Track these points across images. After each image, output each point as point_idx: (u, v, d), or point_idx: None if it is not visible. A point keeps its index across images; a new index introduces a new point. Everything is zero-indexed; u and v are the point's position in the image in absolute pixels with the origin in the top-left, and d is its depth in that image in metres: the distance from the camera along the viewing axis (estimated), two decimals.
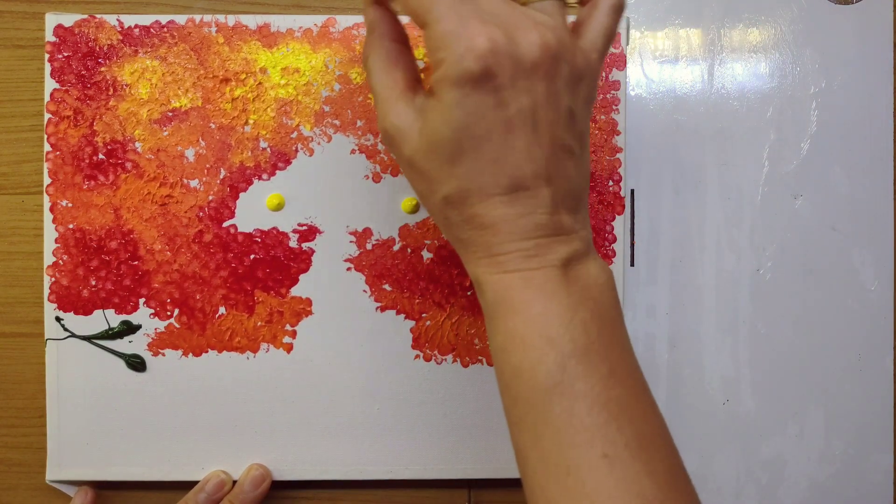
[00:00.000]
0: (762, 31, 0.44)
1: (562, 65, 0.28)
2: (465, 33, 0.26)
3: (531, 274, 0.28)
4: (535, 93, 0.27)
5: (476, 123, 0.27)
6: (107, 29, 0.40)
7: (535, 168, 0.28)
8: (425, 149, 0.28)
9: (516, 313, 0.28)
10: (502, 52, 0.26)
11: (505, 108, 0.27)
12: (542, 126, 0.28)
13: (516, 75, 0.27)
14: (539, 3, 0.29)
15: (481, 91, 0.27)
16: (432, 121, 0.28)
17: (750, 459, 0.44)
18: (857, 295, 0.44)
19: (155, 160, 0.41)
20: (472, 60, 0.26)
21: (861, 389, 0.45)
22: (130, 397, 0.41)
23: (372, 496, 0.44)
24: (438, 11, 0.27)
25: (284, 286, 0.41)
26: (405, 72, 0.30)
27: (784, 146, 0.44)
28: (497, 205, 0.28)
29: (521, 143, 0.28)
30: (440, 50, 0.27)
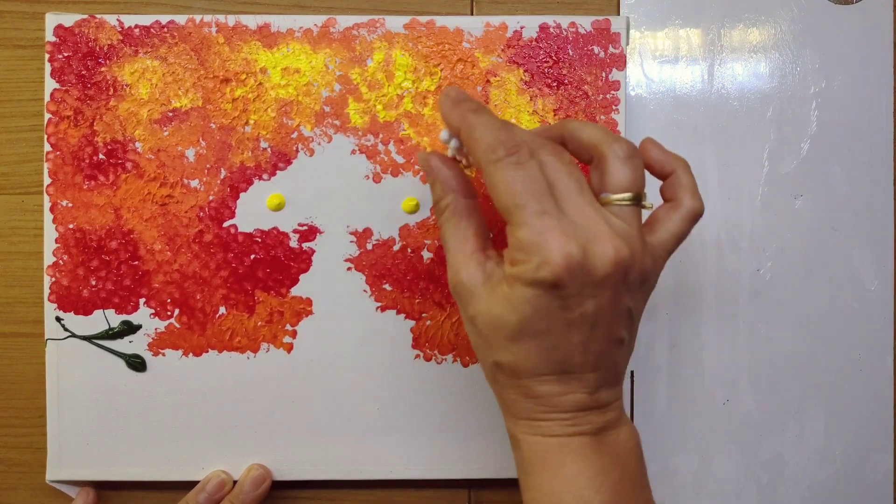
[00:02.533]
0: (762, 31, 0.44)
1: (630, 273, 0.29)
2: (545, 245, 0.28)
3: (568, 440, 0.31)
4: (600, 299, 0.29)
5: (540, 319, 0.29)
6: (107, 29, 0.40)
7: (585, 359, 0.30)
8: (489, 320, 0.30)
9: (552, 474, 0.31)
10: (576, 267, 0.28)
11: (569, 312, 0.29)
12: (600, 326, 0.30)
13: (585, 286, 0.28)
14: (619, 207, 0.30)
15: (550, 296, 0.28)
16: (499, 303, 0.30)
17: (750, 459, 0.44)
18: (857, 295, 0.44)
19: (155, 160, 0.41)
20: (548, 272, 0.28)
21: (861, 389, 0.45)
22: (130, 397, 0.41)
23: (372, 496, 0.44)
24: (523, 217, 0.28)
25: (285, 286, 0.41)
26: (477, 230, 0.32)
27: (784, 146, 0.44)
28: (544, 382, 0.30)
29: (578, 339, 0.30)
30: (520, 251, 0.29)
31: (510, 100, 0.41)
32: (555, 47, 0.41)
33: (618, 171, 0.30)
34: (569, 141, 0.32)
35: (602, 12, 0.44)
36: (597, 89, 0.41)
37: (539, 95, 0.41)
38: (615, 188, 0.30)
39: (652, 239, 0.31)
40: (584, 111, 0.41)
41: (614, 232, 0.29)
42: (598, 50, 0.41)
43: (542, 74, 0.41)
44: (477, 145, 0.29)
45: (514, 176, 0.28)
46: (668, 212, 0.32)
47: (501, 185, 0.29)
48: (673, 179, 0.33)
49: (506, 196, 0.28)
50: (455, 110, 0.31)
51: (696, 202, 0.32)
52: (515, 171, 0.29)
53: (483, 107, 0.31)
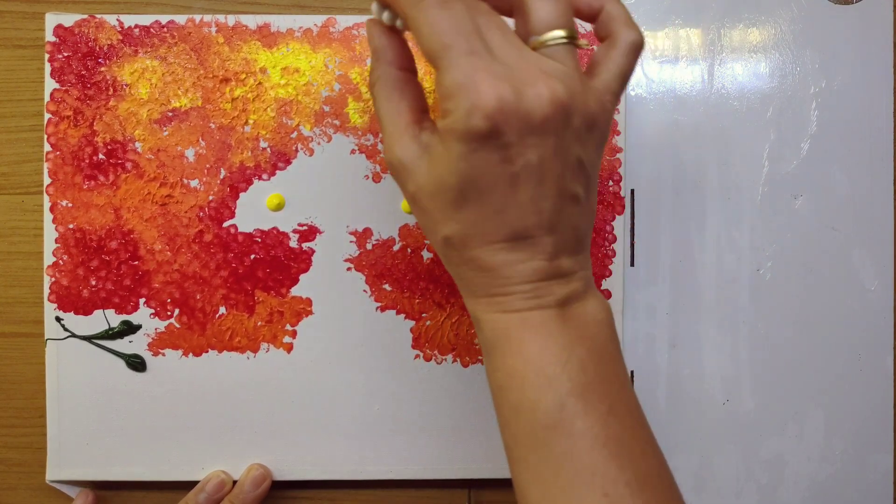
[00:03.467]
0: (762, 31, 0.44)
1: (573, 117, 0.27)
2: (474, 88, 0.26)
3: (529, 314, 0.29)
4: (544, 147, 0.27)
5: (481, 176, 0.27)
6: (107, 29, 0.40)
7: (538, 219, 0.28)
8: (429, 190, 0.28)
9: (514, 352, 0.29)
10: (510, 110, 0.26)
11: (511, 164, 0.27)
12: (548, 179, 0.27)
13: (524, 132, 0.26)
14: (551, 48, 0.28)
15: (488, 147, 0.26)
16: (437, 166, 0.28)
17: (750, 459, 0.44)
18: (857, 295, 0.44)
19: (155, 160, 0.41)
20: (480, 118, 0.26)
21: (861, 389, 0.45)
22: (130, 397, 0.41)
23: (372, 496, 0.44)
24: (450, 58, 0.26)
25: (284, 286, 0.41)
26: (411, 102, 0.30)
27: (784, 146, 0.44)
28: (498, 251, 0.28)
29: (526, 196, 0.27)
30: (449, 100, 0.26)
31: None
32: None
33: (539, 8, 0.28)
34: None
35: None
36: None
37: None
38: (541, 27, 0.28)
39: (595, 83, 0.29)
40: None
41: (548, 73, 0.26)
42: None
43: None
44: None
45: (439, 15, 0.26)
46: (606, 50, 0.30)
47: (426, 26, 0.26)
48: (604, 15, 0.30)
49: (431, 38, 0.26)
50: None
51: (632, 32, 0.29)
52: (440, 9, 0.26)
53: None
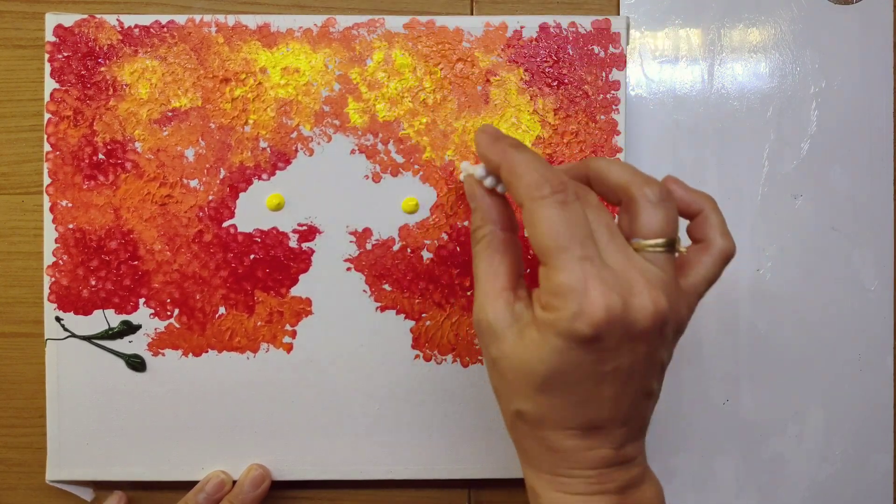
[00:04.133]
0: (762, 31, 0.44)
1: (668, 326, 0.28)
2: (584, 294, 0.26)
3: (590, 499, 0.29)
4: (636, 353, 0.28)
5: (570, 372, 0.27)
6: (107, 29, 0.40)
7: (615, 414, 0.29)
8: (513, 363, 0.28)
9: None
10: (615, 321, 0.26)
11: (603, 365, 0.27)
12: (633, 380, 0.28)
13: (622, 340, 0.27)
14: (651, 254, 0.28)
15: (585, 349, 0.27)
16: (527, 348, 0.28)
17: (750, 459, 0.44)
18: (857, 295, 0.44)
19: (155, 160, 0.41)
20: (586, 324, 0.26)
21: (861, 389, 0.45)
22: (130, 397, 0.41)
23: (372, 496, 0.44)
24: (564, 261, 0.27)
25: (284, 286, 0.41)
26: (510, 266, 0.30)
27: (784, 146, 0.44)
28: (570, 436, 0.29)
29: (609, 393, 0.28)
30: (555, 297, 0.27)
31: (510, 99, 0.41)
32: (555, 47, 0.41)
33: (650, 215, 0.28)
34: (594, 181, 0.31)
35: (602, 12, 0.44)
36: (597, 89, 0.41)
37: (539, 95, 0.41)
38: (648, 233, 0.28)
39: (684, 283, 0.30)
40: (584, 111, 0.41)
41: (652, 282, 0.27)
42: (598, 50, 0.41)
43: (543, 74, 0.41)
44: (519, 181, 0.28)
45: (558, 215, 0.27)
46: (699, 254, 0.31)
47: (544, 223, 0.27)
48: (701, 219, 0.31)
49: (547, 236, 0.27)
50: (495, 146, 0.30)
51: (727, 242, 0.31)
52: (560, 210, 0.27)
53: (522, 143, 0.30)
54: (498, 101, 0.41)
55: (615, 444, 0.29)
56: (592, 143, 0.41)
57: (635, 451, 0.30)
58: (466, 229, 0.41)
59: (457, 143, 0.41)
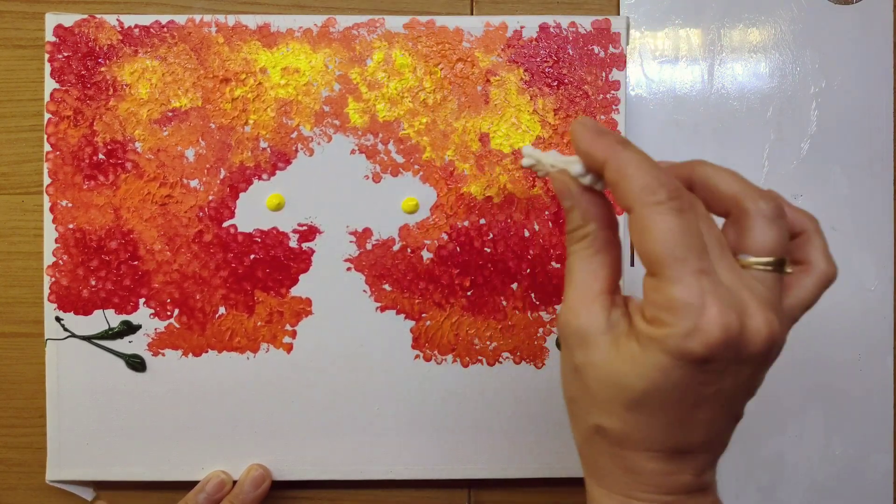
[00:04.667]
0: (762, 31, 0.44)
1: (774, 349, 0.26)
2: (702, 311, 0.24)
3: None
4: (740, 376, 0.26)
5: (670, 391, 0.25)
6: (107, 29, 0.40)
7: (705, 439, 0.27)
8: (602, 374, 0.26)
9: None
10: (731, 343, 0.24)
11: (706, 387, 0.26)
12: (730, 404, 0.27)
13: (732, 361, 0.25)
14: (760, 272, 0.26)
15: (692, 369, 0.25)
16: (624, 360, 0.26)
17: (750, 459, 0.44)
18: (857, 295, 0.44)
19: (155, 160, 0.41)
20: (700, 344, 0.24)
21: (861, 389, 0.45)
22: (130, 397, 0.41)
23: (372, 496, 0.44)
24: (680, 273, 0.24)
25: (284, 286, 0.41)
26: (611, 268, 0.28)
27: (784, 146, 0.44)
28: (652, 458, 0.27)
29: (704, 417, 0.26)
30: (669, 312, 0.25)
31: (510, 99, 0.41)
32: (555, 47, 0.41)
33: (763, 232, 0.26)
34: (700, 187, 0.28)
35: (602, 12, 0.44)
36: (597, 89, 0.41)
37: (539, 95, 0.41)
38: (759, 251, 0.26)
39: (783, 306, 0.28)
40: (584, 111, 0.41)
41: (766, 303, 0.25)
42: (598, 50, 0.41)
43: (542, 74, 0.41)
44: (630, 183, 0.25)
45: (675, 223, 0.25)
46: (800, 276, 0.29)
47: (658, 231, 0.25)
48: (804, 239, 0.29)
49: (662, 245, 0.25)
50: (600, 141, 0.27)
51: (830, 266, 0.29)
52: (677, 218, 0.25)
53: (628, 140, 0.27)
54: (498, 101, 0.41)
55: (697, 471, 0.27)
56: None
57: (712, 477, 0.29)
58: (466, 229, 0.41)
59: (457, 143, 0.41)
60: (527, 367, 0.42)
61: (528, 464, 0.42)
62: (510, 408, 0.42)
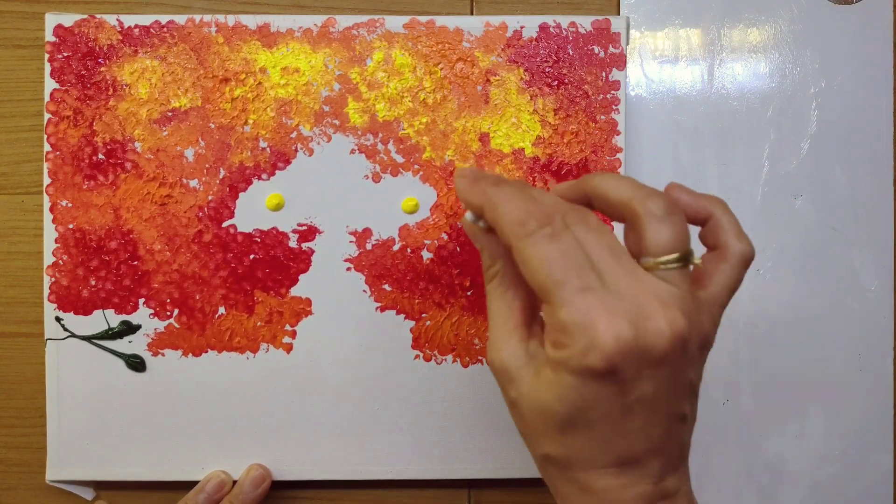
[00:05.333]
0: (762, 31, 0.44)
1: (689, 345, 0.26)
2: (590, 327, 0.25)
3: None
4: (659, 378, 0.26)
5: (591, 408, 0.26)
6: (107, 29, 0.40)
7: (647, 445, 0.27)
8: (532, 405, 0.27)
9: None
10: (628, 350, 0.25)
11: (625, 396, 0.26)
12: (660, 406, 0.27)
13: (641, 367, 0.25)
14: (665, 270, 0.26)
15: (602, 383, 0.25)
16: (543, 389, 0.27)
17: (750, 459, 0.44)
18: (857, 295, 0.44)
19: (154, 160, 0.41)
20: (597, 358, 0.25)
21: (861, 389, 0.45)
22: (130, 397, 0.41)
23: (372, 496, 0.44)
24: (563, 295, 0.25)
25: (284, 286, 0.41)
26: (524, 300, 0.29)
27: (784, 146, 0.44)
28: (602, 476, 0.27)
29: (637, 425, 0.26)
30: (562, 334, 0.25)
31: (510, 99, 0.41)
32: (555, 47, 0.41)
33: (657, 231, 0.27)
34: (595, 200, 0.29)
35: (602, 12, 0.44)
36: (597, 89, 0.41)
37: (539, 95, 0.41)
38: (658, 250, 0.26)
39: (704, 295, 0.28)
40: (584, 111, 0.41)
41: (665, 302, 0.25)
42: (598, 50, 0.41)
43: (542, 74, 0.41)
44: (503, 221, 0.27)
45: (549, 250, 0.26)
46: (716, 261, 0.29)
47: (535, 260, 0.26)
48: (713, 224, 0.30)
49: (542, 273, 0.25)
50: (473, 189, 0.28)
51: (745, 245, 0.29)
52: (550, 244, 0.26)
53: (502, 179, 0.28)
54: (498, 101, 0.41)
55: (653, 479, 0.27)
56: (592, 143, 0.41)
57: (677, 483, 0.28)
58: None
59: (457, 142, 0.41)
60: None
61: (528, 464, 0.42)
62: None
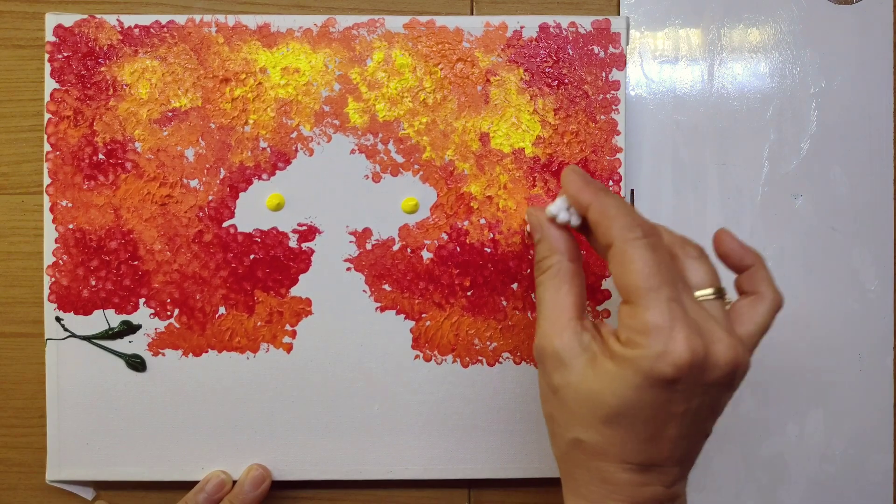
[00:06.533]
0: (762, 31, 0.44)
1: (738, 374, 0.29)
2: (672, 335, 0.27)
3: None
4: (708, 398, 0.29)
5: (642, 409, 0.28)
6: (107, 29, 0.40)
7: (674, 454, 0.29)
8: (580, 393, 0.29)
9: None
10: (697, 365, 0.27)
11: (675, 406, 0.28)
12: (698, 422, 0.29)
13: (698, 384, 0.28)
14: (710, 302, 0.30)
15: (661, 389, 0.28)
16: (599, 379, 0.29)
17: (750, 459, 0.44)
18: (857, 295, 0.44)
19: (155, 160, 0.41)
20: (669, 365, 0.27)
21: (861, 389, 0.45)
22: (130, 397, 0.41)
23: (372, 496, 0.44)
24: (655, 300, 0.28)
25: (284, 286, 0.41)
26: (577, 297, 0.31)
27: (784, 146, 0.44)
28: (626, 470, 0.29)
29: (673, 433, 0.29)
30: (642, 335, 0.28)
31: (510, 99, 0.41)
32: (555, 47, 0.41)
33: (696, 268, 0.31)
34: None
35: (602, 12, 0.44)
36: (597, 89, 0.41)
37: (539, 95, 0.41)
38: (697, 285, 0.30)
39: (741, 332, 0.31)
40: (584, 111, 0.41)
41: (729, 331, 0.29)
42: (598, 50, 0.41)
43: (542, 74, 0.41)
44: (613, 222, 0.29)
45: (650, 257, 0.28)
46: (753, 305, 0.32)
47: (637, 262, 0.28)
48: (752, 273, 0.33)
49: (639, 275, 0.28)
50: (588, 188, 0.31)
51: (777, 294, 0.32)
52: (652, 252, 0.28)
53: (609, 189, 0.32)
54: (498, 101, 0.41)
55: (667, 483, 0.30)
56: (592, 143, 0.41)
57: (682, 488, 0.31)
58: (467, 229, 0.41)
59: (457, 142, 0.41)
60: (527, 367, 0.42)
61: (528, 464, 0.42)
62: (510, 408, 0.42)
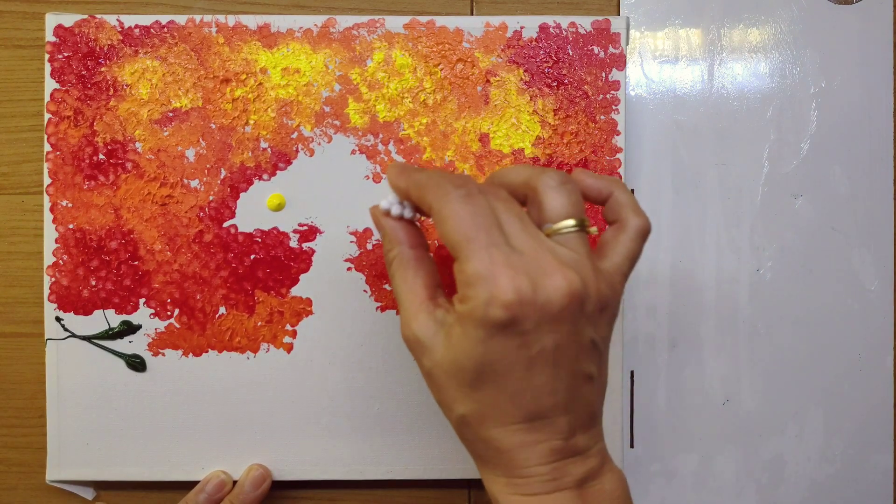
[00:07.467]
0: (762, 31, 0.44)
1: (586, 303, 0.28)
2: (492, 279, 0.27)
3: (548, 498, 0.29)
4: (559, 333, 0.28)
5: (497, 361, 0.28)
6: (107, 29, 0.40)
7: (553, 401, 0.29)
8: (445, 368, 0.29)
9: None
10: (527, 302, 0.27)
11: (527, 349, 0.28)
12: (563, 362, 0.29)
13: (541, 321, 0.27)
14: (564, 236, 0.29)
15: (505, 334, 0.27)
16: (454, 347, 0.29)
17: (750, 459, 0.45)
18: (857, 295, 0.44)
19: (155, 160, 0.41)
20: (498, 308, 0.27)
21: (861, 389, 0.45)
22: (130, 397, 0.41)
23: (372, 496, 0.44)
24: (471, 250, 0.28)
25: (285, 286, 0.41)
26: (426, 279, 0.31)
27: (784, 146, 0.44)
28: (514, 432, 0.29)
29: (542, 380, 0.28)
30: (468, 287, 0.28)
31: (510, 100, 0.41)
32: (555, 47, 0.41)
33: (553, 199, 0.30)
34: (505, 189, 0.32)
35: (602, 12, 0.44)
36: (597, 89, 0.41)
37: (539, 95, 0.41)
38: (554, 217, 0.29)
39: (605, 264, 0.31)
40: (583, 111, 0.41)
41: (563, 262, 0.28)
42: (598, 50, 0.41)
43: (542, 74, 0.41)
44: (426, 192, 0.29)
45: (463, 208, 0.28)
46: (616, 234, 0.32)
47: (451, 218, 0.28)
48: (612, 201, 0.32)
49: (455, 230, 0.28)
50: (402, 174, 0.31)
51: (640, 219, 0.32)
52: (464, 203, 0.28)
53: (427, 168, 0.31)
54: (498, 101, 0.41)
55: (562, 435, 0.29)
56: (592, 143, 0.41)
57: (588, 441, 0.30)
58: None
59: (457, 143, 0.41)
60: None
61: None
62: None
